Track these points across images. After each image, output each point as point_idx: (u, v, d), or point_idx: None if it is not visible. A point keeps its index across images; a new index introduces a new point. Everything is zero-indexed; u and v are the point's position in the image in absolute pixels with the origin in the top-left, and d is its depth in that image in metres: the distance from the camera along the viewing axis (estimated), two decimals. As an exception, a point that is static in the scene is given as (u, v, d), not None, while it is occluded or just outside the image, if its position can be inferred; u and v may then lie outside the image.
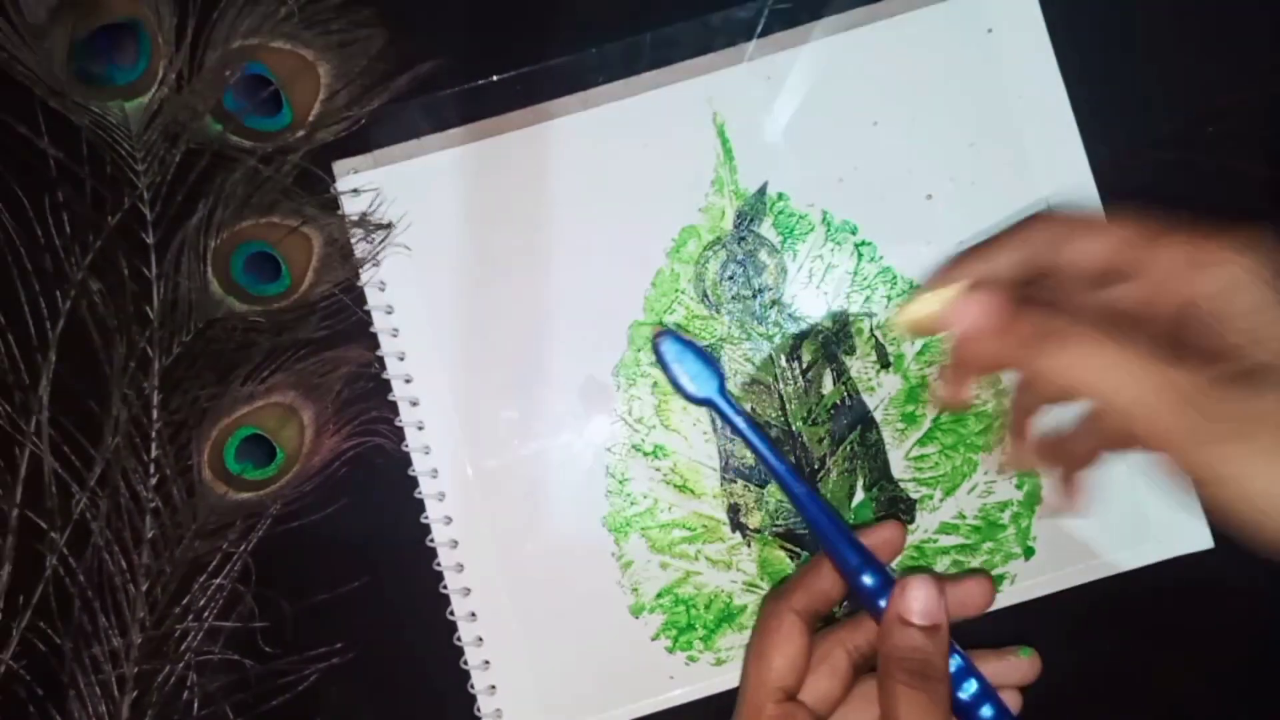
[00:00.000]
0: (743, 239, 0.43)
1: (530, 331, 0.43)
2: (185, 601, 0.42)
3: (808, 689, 0.34)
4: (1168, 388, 0.25)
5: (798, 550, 0.43)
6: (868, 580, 0.34)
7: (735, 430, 0.38)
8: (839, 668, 0.34)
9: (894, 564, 0.36)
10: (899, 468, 0.43)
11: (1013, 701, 0.35)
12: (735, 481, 0.43)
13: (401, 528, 0.43)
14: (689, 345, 0.39)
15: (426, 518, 0.43)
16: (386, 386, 0.43)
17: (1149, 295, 0.29)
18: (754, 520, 0.43)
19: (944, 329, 0.32)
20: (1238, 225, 0.43)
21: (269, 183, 0.42)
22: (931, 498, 0.43)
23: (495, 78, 0.43)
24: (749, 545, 0.43)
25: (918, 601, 0.31)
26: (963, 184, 0.43)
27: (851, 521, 0.43)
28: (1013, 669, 0.36)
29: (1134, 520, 0.43)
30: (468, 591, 0.43)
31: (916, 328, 0.34)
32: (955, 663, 0.33)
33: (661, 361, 0.39)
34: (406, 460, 0.43)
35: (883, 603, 0.33)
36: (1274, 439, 0.24)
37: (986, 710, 0.33)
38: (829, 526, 0.35)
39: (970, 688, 0.33)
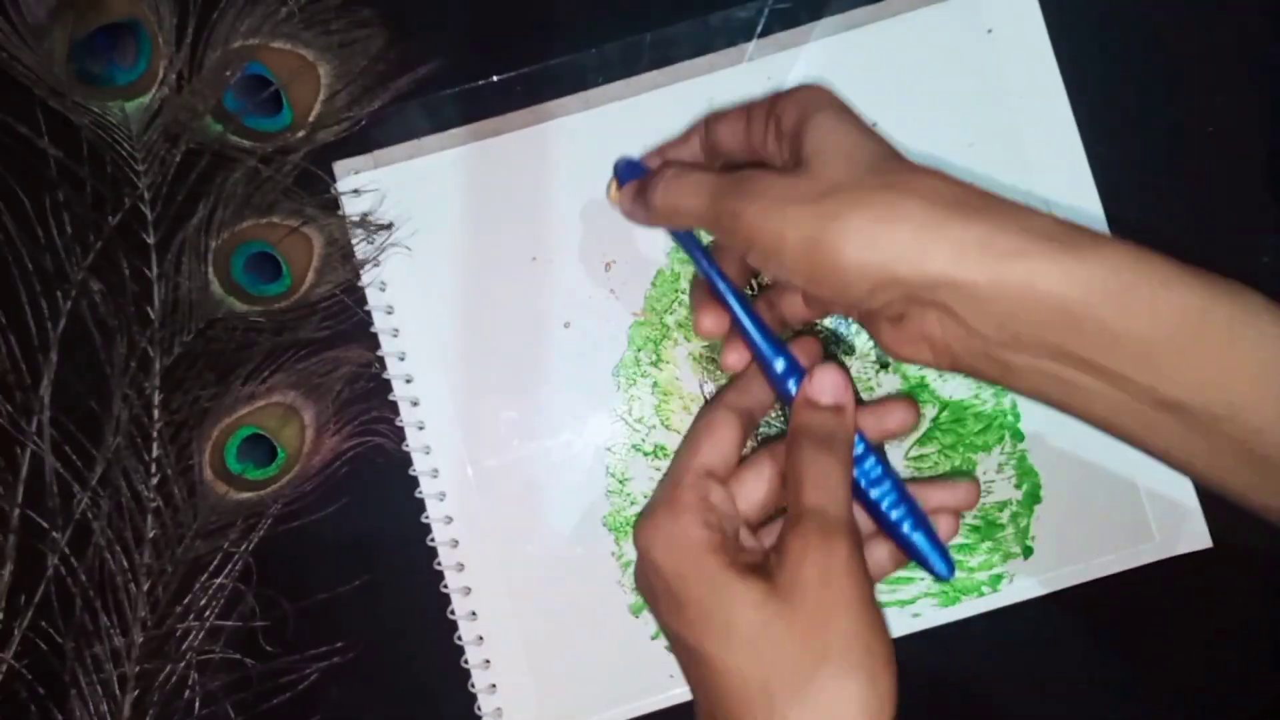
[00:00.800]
0: (743, 239, 0.43)
1: (530, 331, 0.43)
2: (186, 601, 0.42)
3: (737, 492, 0.35)
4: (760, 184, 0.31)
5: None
6: (791, 386, 0.35)
7: (677, 238, 0.38)
8: (766, 474, 0.35)
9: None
10: (899, 467, 0.43)
11: (948, 527, 0.36)
12: (735, 481, 0.43)
13: (401, 528, 0.43)
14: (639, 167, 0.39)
15: (426, 518, 0.43)
16: (387, 386, 0.43)
17: (765, 144, 0.35)
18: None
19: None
20: (1239, 226, 0.43)
21: (269, 183, 0.42)
22: (931, 497, 0.43)
23: (495, 78, 0.43)
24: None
25: (825, 384, 0.34)
26: (962, 184, 0.43)
27: None
28: (950, 493, 0.37)
29: (1132, 520, 0.43)
30: (468, 591, 0.43)
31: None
32: (877, 469, 0.35)
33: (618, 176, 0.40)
34: (407, 460, 0.43)
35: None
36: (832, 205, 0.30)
37: (887, 490, 0.34)
38: (759, 333, 0.36)
39: (875, 472, 0.34)
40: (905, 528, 0.34)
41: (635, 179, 0.38)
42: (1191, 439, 0.28)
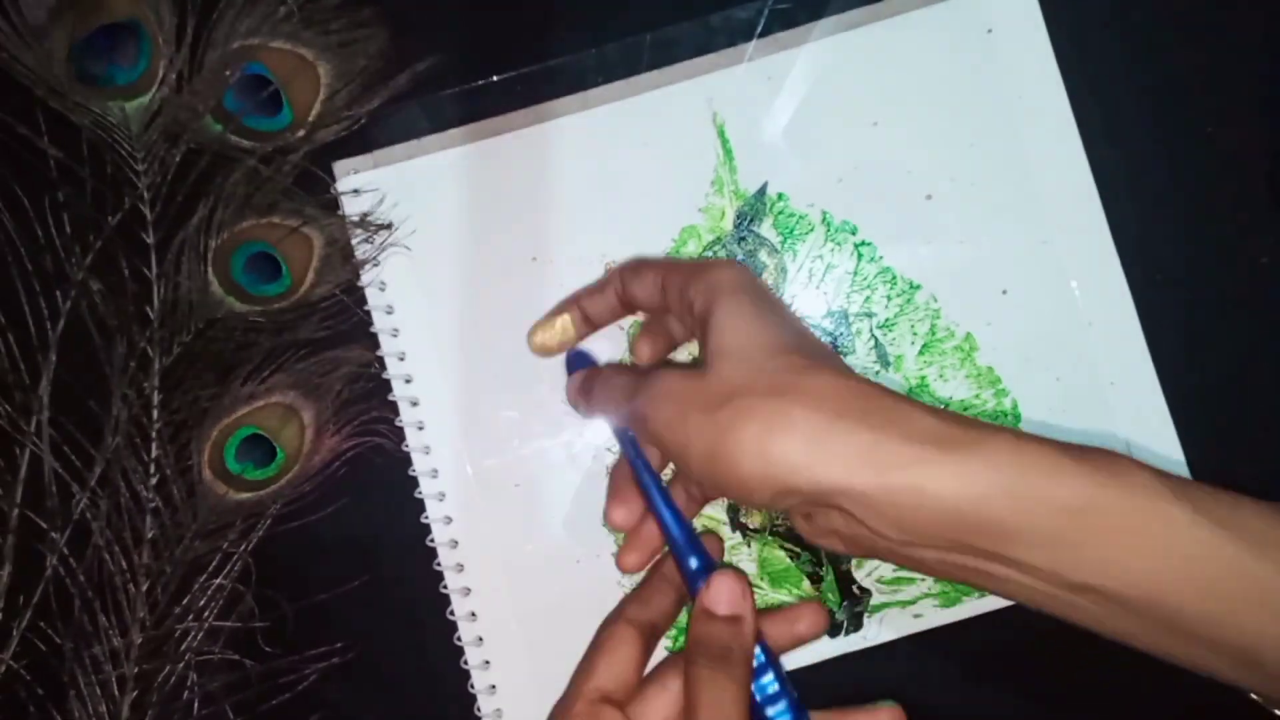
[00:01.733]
0: (743, 239, 0.43)
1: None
2: (185, 601, 0.42)
3: (642, 710, 0.34)
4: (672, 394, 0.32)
5: (798, 550, 0.43)
6: (701, 584, 0.34)
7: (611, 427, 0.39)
8: (672, 690, 0.34)
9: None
10: None
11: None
12: (735, 481, 0.43)
13: (401, 528, 0.43)
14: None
15: (426, 518, 0.43)
16: (386, 386, 0.43)
17: (680, 314, 0.36)
18: (754, 520, 0.43)
19: (562, 350, 0.41)
20: (1239, 227, 0.43)
21: (269, 183, 0.42)
22: (931, 498, 0.43)
23: (495, 78, 0.43)
24: (749, 545, 0.43)
25: (722, 594, 0.33)
26: (963, 184, 0.43)
27: None
28: (793, 625, 0.37)
29: (1134, 520, 0.43)
30: (468, 591, 0.43)
31: (542, 348, 0.41)
32: (774, 685, 0.33)
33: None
34: (406, 460, 0.43)
35: None
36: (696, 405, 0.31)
37: (782, 710, 0.33)
38: (677, 528, 0.35)
39: (771, 688, 0.33)
40: None
41: (581, 369, 0.40)
42: (1115, 616, 0.29)
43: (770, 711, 0.33)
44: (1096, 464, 0.28)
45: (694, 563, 0.34)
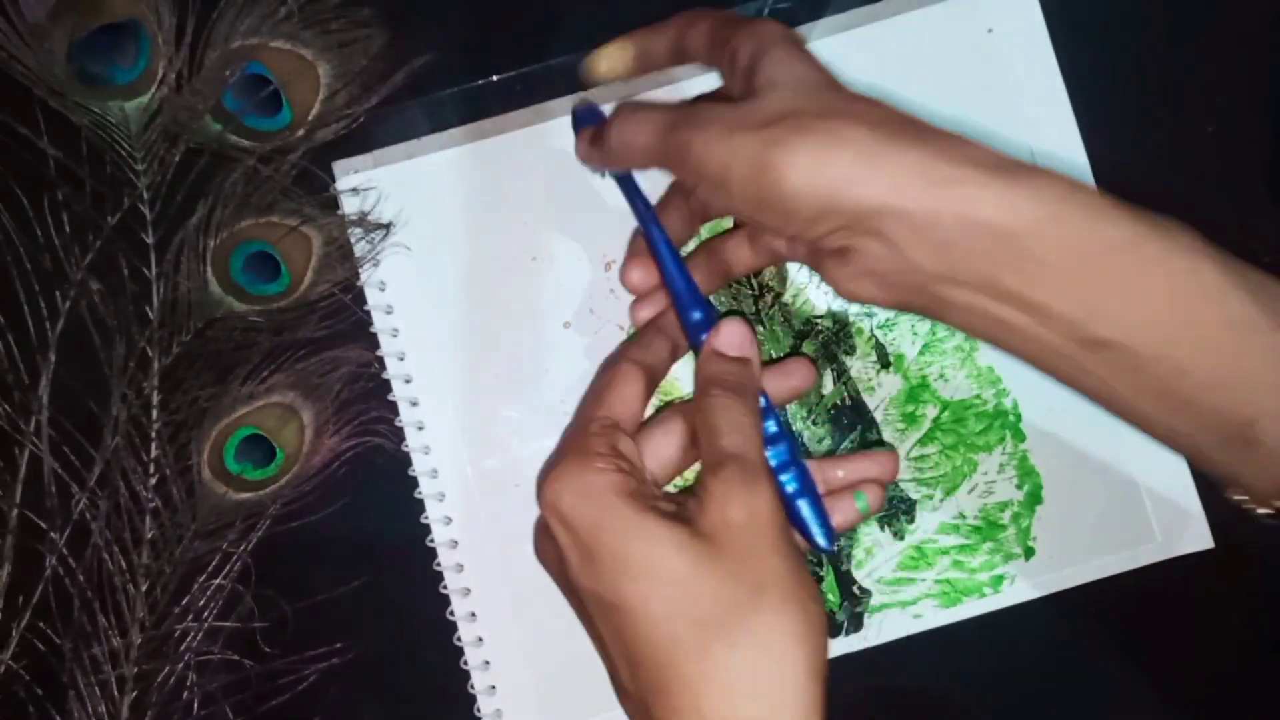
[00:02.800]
0: (743, 239, 0.43)
1: (530, 331, 0.43)
2: (185, 602, 0.42)
3: (645, 449, 0.35)
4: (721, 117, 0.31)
5: (798, 550, 0.43)
6: (705, 339, 0.35)
7: (620, 185, 0.38)
8: (676, 431, 0.35)
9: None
10: (900, 468, 0.43)
11: (874, 499, 0.37)
12: (735, 481, 0.43)
13: (401, 528, 0.43)
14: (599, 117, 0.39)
15: (426, 518, 0.43)
16: (386, 386, 0.43)
17: (724, 64, 0.35)
18: (754, 520, 0.43)
19: (609, 78, 0.39)
20: (1239, 226, 0.43)
21: (268, 182, 0.42)
22: (932, 498, 0.43)
23: (495, 77, 0.43)
24: (749, 545, 0.43)
25: (733, 337, 0.34)
26: (963, 184, 0.43)
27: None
28: (871, 463, 0.37)
29: (1134, 520, 0.43)
30: (468, 591, 0.43)
31: (590, 71, 0.39)
32: (774, 428, 0.35)
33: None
34: (406, 460, 0.43)
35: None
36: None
37: (783, 450, 0.34)
38: (681, 280, 0.36)
39: (770, 431, 0.34)
40: (789, 490, 0.34)
41: (591, 125, 0.38)
42: (1118, 378, 0.28)
43: (770, 451, 0.34)
44: (1143, 216, 0.28)
45: (696, 315, 0.35)
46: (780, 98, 0.31)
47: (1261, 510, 0.29)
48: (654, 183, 0.39)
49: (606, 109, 0.40)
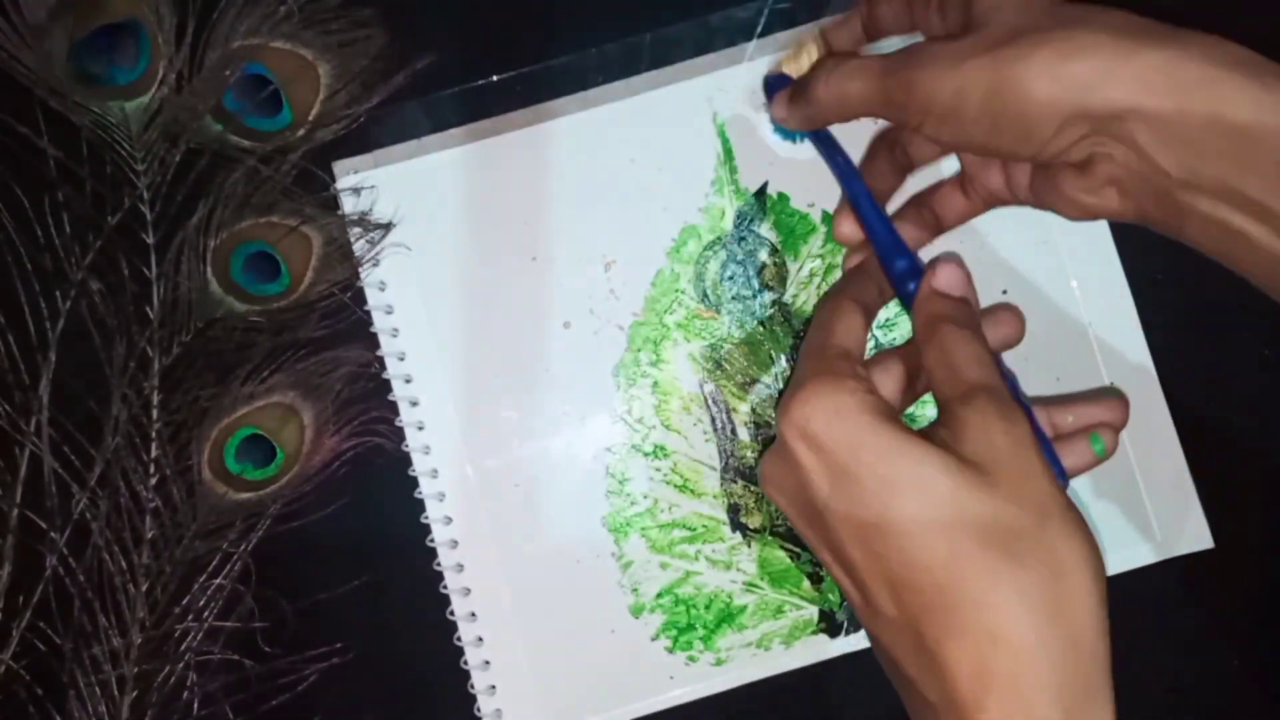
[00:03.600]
0: (743, 239, 0.43)
1: (530, 331, 0.43)
2: (185, 601, 0.42)
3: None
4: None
5: (798, 550, 0.43)
6: (911, 287, 0.35)
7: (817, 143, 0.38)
8: (895, 372, 0.34)
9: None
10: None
11: (1109, 441, 0.36)
12: (735, 481, 0.43)
13: (401, 528, 0.43)
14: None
15: (426, 518, 0.43)
16: (386, 386, 0.43)
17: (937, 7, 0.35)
18: (754, 520, 0.43)
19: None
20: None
21: (269, 182, 0.42)
22: (931, 498, 0.43)
23: (495, 78, 0.43)
24: (749, 545, 0.43)
25: (952, 277, 0.33)
26: (963, 184, 0.43)
27: None
28: (1103, 409, 0.37)
29: (1134, 520, 0.43)
30: (468, 591, 0.43)
31: (783, 66, 0.39)
32: None
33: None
34: (406, 460, 0.43)
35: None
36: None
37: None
38: (884, 230, 0.36)
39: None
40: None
41: (785, 88, 0.38)
42: None
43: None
44: None
45: (901, 263, 0.35)
46: (1008, 19, 0.30)
47: None
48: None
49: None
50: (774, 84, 0.39)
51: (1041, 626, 0.27)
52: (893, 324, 0.43)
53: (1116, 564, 0.43)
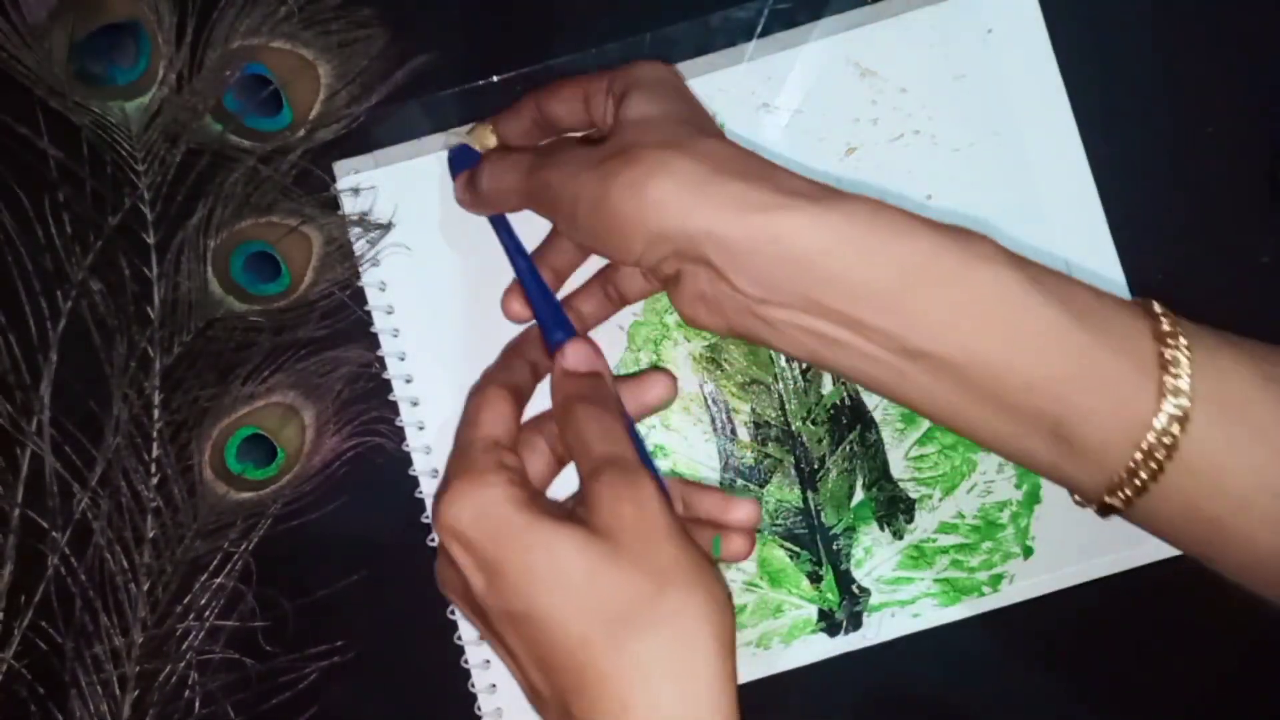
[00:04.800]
0: (742, 239, 0.43)
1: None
2: (186, 601, 0.42)
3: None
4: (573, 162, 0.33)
5: (797, 550, 0.43)
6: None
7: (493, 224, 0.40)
8: (540, 448, 0.36)
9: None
10: (898, 467, 0.43)
11: (736, 546, 0.37)
12: (735, 481, 0.43)
13: (401, 528, 0.43)
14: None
15: (427, 518, 0.43)
16: (387, 386, 0.43)
17: (601, 118, 0.37)
18: (754, 520, 0.43)
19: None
20: (1239, 226, 0.43)
21: (269, 182, 0.42)
22: (931, 497, 0.43)
23: (495, 78, 0.43)
24: (749, 545, 0.43)
25: (578, 354, 0.36)
26: (963, 184, 0.43)
27: (851, 521, 0.43)
28: (733, 509, 0.38)
29: (1133, 520, 0.43)
30: (468, 591, 0.43)
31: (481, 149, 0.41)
32: None
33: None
34: (407, 460, 0.43)
35: None
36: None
37: None
38: (541, 300, 0.38)
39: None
40: None
41: (467, 168, 0.39)
42: (941, 388, 0.30)
43: None
44: (945, 231, 0.30)
45: (559, 335, 0.37)
46: (626, 134, 0.33)
47: (1095, 508, 0.31)
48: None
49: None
50: (456, 160, 0.41)
51: (670, 692, 0.28)
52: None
53: (1116, 564, 0.43)
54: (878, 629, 0.43)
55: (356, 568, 0.43)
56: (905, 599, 0.43)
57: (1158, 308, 0.30)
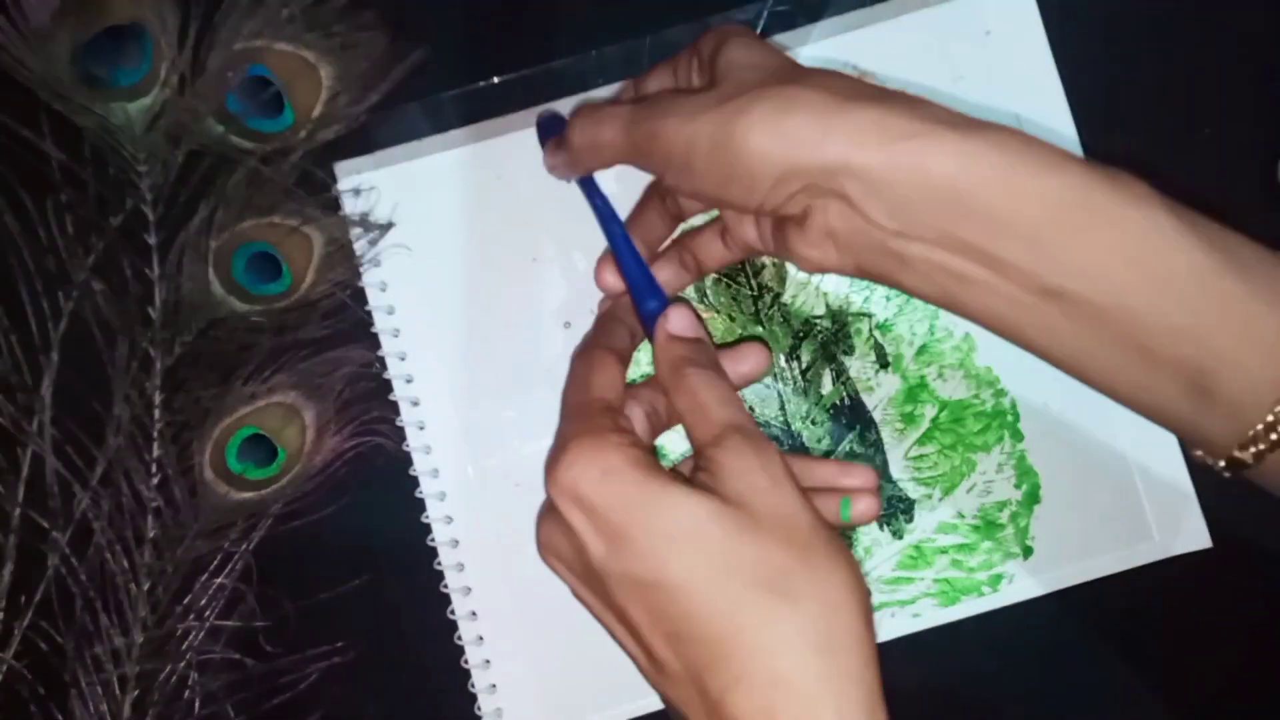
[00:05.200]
0: (742, 239, 0.43)
1: (530, 331, 0.43)
2: (187, 601, 0.42)
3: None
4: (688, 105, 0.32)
5: (797, 550, 0.43)
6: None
7: (584, 189, 0.39)
8: (639, 415, 0.35)
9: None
10: (898, 467, 0.43)
11: (863, 507, 0.36)
12: (735, 481, 0.43)
13: (402, 528, 0.43)
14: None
15: (427, 517, 0.43)
16: (387, 386, 0.43)
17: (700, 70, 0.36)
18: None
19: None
20: (1239, 226, 0.43)
21: (270, 183, 0.42)
22: (931, 497, 0.43)
23: (496, 79, 0.43)
24: (749, 545, 0.43)
25: (681, 319, 0.34)
26: (962, 184, 0.43)
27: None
28: (853, 477, 0.37)
29: (1132, 519, 0.43)
30: (468, 591, 0.43)
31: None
32: None
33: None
34: (407, 460, 0.43)
35: None
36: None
37: None
38: (634, 267, 0.37)
39: None
40: None
41: (557, 134, 0.38)
42: (1077, 331, 0.29)
43: None
44: (1097, 169, 0.28)
45: (652, 304, 0.36)
46: (738, 77, 0.32)
47: (1220, 463, 0.29)
48: (627, 186, 0.40)
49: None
50: (546, 127, 0.40)
51: (820, 664, 0.27)
52: (891, 325, 0.43)
53: (1115, 564, 0.43)
54: (877, 629, 0.43)
55: (357, 568, 0.43)
56: (905, 599, 0.43)
57: None
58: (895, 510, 0.43)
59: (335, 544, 0.43)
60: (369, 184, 0.43)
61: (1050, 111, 0.43)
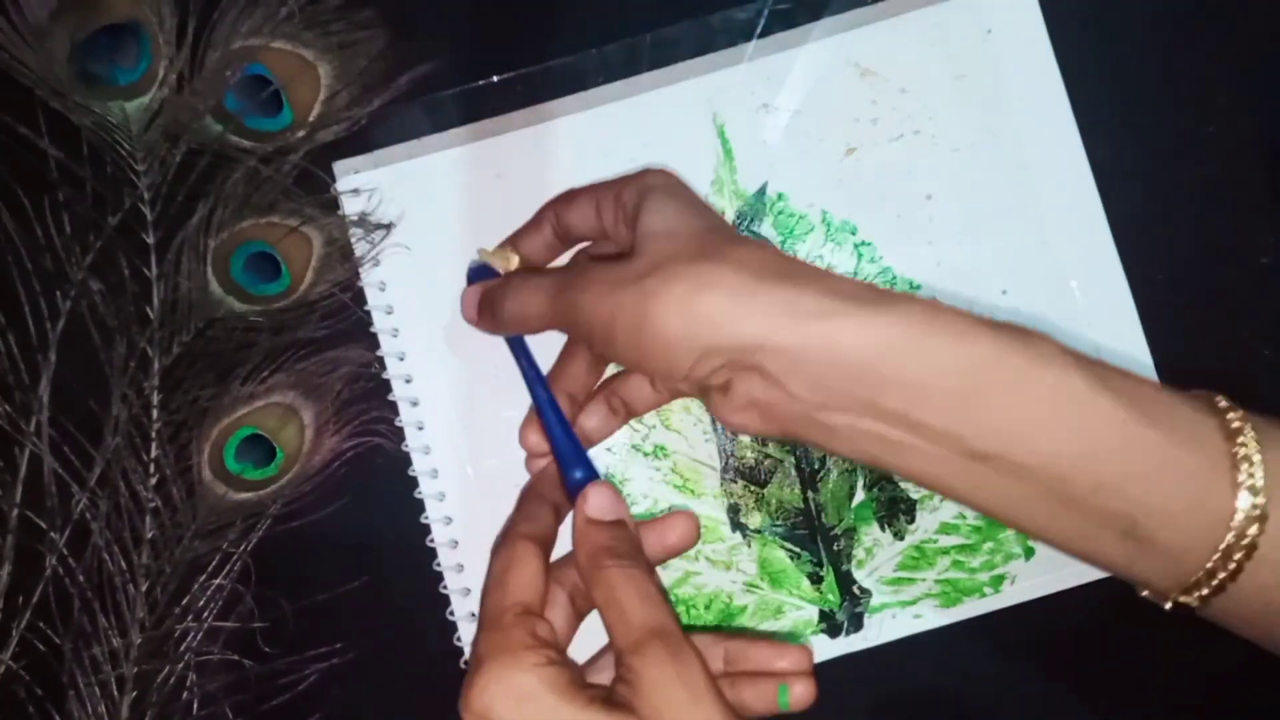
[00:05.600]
0: (743, 239, 0.43)
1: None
2: (185, 602, 0.42)
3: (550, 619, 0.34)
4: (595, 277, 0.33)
5: (798, 550, 0.43)
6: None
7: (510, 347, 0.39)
8: (561, 601, 0.35)
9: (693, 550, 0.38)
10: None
11: (800, 692, 0.36)
12: (735, 481, 0.43)
13: (401, 528, 0.43)
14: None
15: (426, 518, 0.43)
16: (386, 386, 0.43)
17: (615, 227, 0.37)
18: (754, 520, 0.43)
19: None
20: (1239, 226, 0.43)
21: (269, 183, 0.42)
22: (932, 498, 0.43)
23: (496, 78, 0.43)
24: (749, 545, 0.43)
25: (600, 501, 0.34)
26: (963, 184, 0.43)
27: (852, 522, 0.43)
28: (781, 656, 0.37)
29: (1134, 520, 0.43)
30: (468, 592, 0.43)
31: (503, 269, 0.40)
32: None
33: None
34: (406, 460, 0.43)
35: None
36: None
37: None
38: (561, 435, 0.37)
39: None
40: None
41: (482, 280, 0.39)
42: (1008, 488, 0.29)
43: None
44: (1004, 330, 0.29)
45: (578, 474, 0.36)
46: (656, 249, 0.32)
47: (1167, 605, 0.30)
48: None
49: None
50: (474, 276, 0.40)
51: None
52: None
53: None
54: (879, 630, 0.43)
55: (356, 568, 0.43)
56: (906, 600, 0.43)
57: (1222, 401, 0.29)
58: (897, 511, 0.43)
59: (334, 545, 0.43)
60: (368, 183, 0.43)
61: (1051, 111, 0.43)
